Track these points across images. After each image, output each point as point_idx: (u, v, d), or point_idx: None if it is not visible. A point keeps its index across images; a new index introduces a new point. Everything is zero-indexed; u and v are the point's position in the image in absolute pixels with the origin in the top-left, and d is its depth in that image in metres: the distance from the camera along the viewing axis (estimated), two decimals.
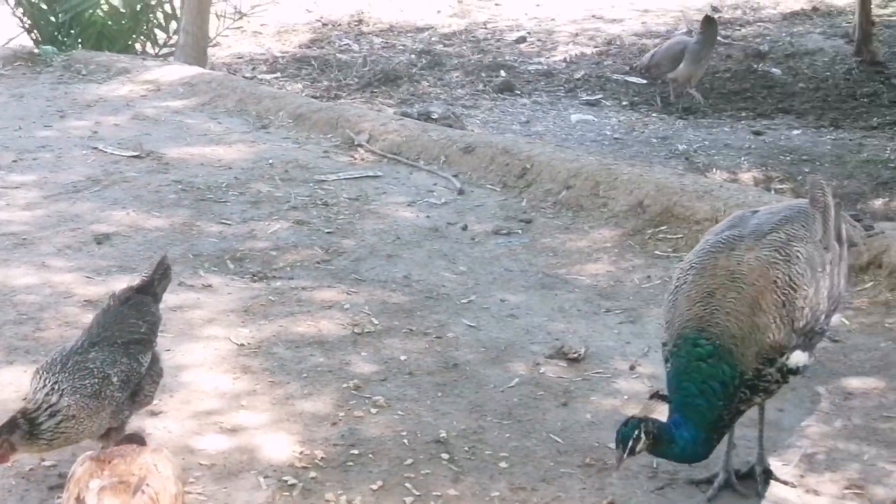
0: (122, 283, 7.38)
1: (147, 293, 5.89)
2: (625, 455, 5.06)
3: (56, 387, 5.28)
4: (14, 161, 10.41)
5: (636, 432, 5.03)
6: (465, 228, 8.92)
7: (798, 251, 5.45)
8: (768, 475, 5.67)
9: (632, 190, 9.10)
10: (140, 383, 5.57)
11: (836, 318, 6.53)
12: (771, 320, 5.27)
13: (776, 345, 5.27)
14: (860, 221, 6.60)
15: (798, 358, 5.37)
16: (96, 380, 5.36)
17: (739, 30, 18.18)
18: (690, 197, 8.77)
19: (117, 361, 5.48)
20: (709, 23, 14.40)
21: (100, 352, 5.49)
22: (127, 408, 5.53)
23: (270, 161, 10.39)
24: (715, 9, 18.87)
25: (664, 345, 5.51)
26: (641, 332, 7.24)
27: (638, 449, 5.06)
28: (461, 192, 9.70)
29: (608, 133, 13.05)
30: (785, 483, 5.62)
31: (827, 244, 5.68)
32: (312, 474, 5.66)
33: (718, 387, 5.19)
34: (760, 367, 5.26)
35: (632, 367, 6.80)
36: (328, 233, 8.77)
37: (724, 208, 8.36)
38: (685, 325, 5.36)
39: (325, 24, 18.83)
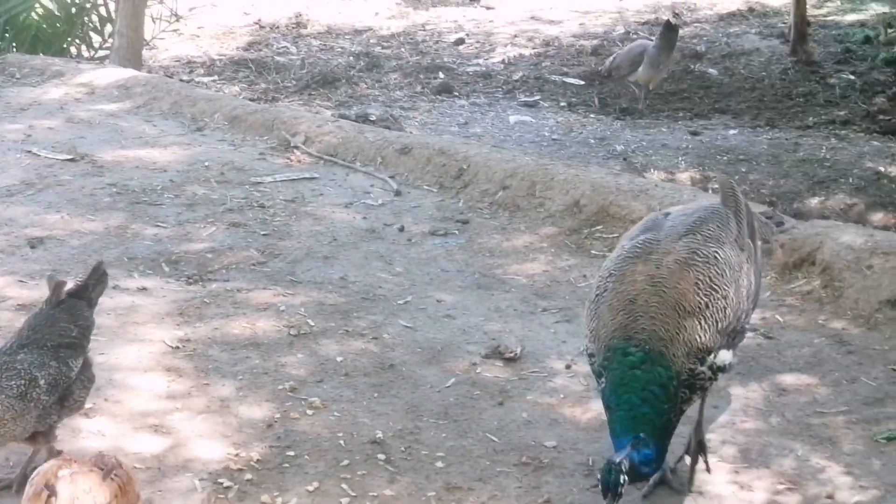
0: None
1: (81, 297, 5.83)
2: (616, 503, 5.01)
3: None
4: None
5: (622, 478, 4.98)
6: (401, 229, 8.90)
7: (716, 252, 5.45)
8: (701, 447, 5.70)
9: (568, 190, 9.13)
10: (70, 388, 5.52)
11: (756, 316, 6.61)
12: (696, 321, 5.26)
13: (704, 345, 5.26)
14: (770, 219, 6.65)
15: (724, 356, 5.37)
16: (23, 381, 5.31)
17: None
18: (626, 196, 8.81)
19: (46, 364, 5.43)
20: (669, 28, 14.41)
21: (28, 354, 5.44)
22: (55, 412, 5.47)
23: (206, 163, 10.32)
24: (677, 15, 18.86)
25: (591, 356, 5.48)
26: (577, 332, 7.23)
27: (624, 491, 5.02)
28: (398, 193, 9.68)
29: (546, 134, 13.07)
30: (707, 469, 5.65)
31: (742, 243, 5.69)
32: (248, 476, 5.64)
33: (659, 391, 5.17)
34: (693, 367, 5.25)
35: (568, 366, 6.82)
36: (264, 235, 8.73)
37: (660, 207, 8.37)
38: (612, 336, 5.32)
39: (262, 27, 18.74)
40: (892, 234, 8.21)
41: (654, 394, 5.17)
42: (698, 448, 5.70)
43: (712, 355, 5.29)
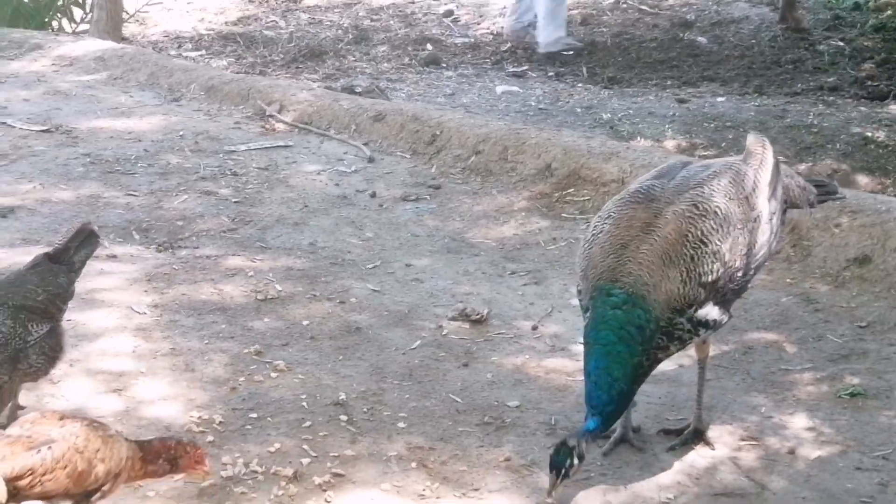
0: (25, 254, 7.34)
1: (60, 262, 5.74)
2: (559, 481, 5.13)
3: None
4: None
5: (569, 461, 5.10)
6: (373, 195, 8.91)
7: (717, 207, 5.43)
8: (699, 436, 5.67)
9: (540, 154, 9.12)
10: (25, 351, 5.43)
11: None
12: (678, 273, 5.28)
13: (683, 297, 5.28)
14: (822, 186, 6.53)
15: (708, 311, 5.37)
16: None
17: None
18: (597, 159, 8.80)
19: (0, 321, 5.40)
20: None
21: None
22: (6, 372, 5.44)
23: (181, 133, 10.35)
24: None
25: (579, 292, 5.56)
26: (545, 293, 7.26)
27: (573, 473, 5.15)
28: (371, 159, 9.68)
29: (533, 104, 13.00)
30: (711, 446, 5.63)
31: (754, 202, 5.63)
32: (210, 438, 5.60)
33: (636, 331, 5.24)
34: (672, 316, 5.29)
35: (534, 328, 6.82)
36: (236, 202, 8.74)
37: (631, 169, 8.42)
38: (599, 276, 5.39)
39: (252, 1, 18.70)
40: (860, 193, 8.23)
41: (630, 334, 5.24)
42: (695, 435, 5.69)
43: (693, 308, 5.31)
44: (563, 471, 5.09)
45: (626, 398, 5.34)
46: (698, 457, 5.53)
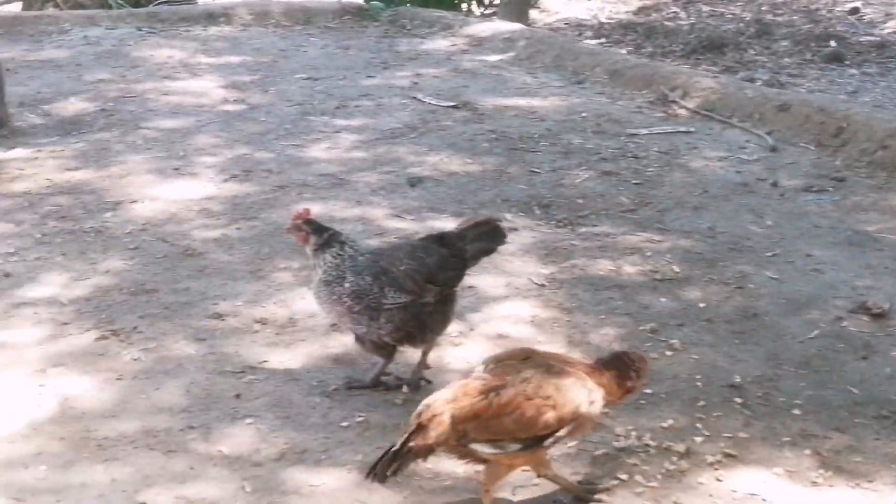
0: (430, 222, 7.68)
1: (450, 246, 5.79)
2: None
3: None
4: (337, 107, 10.88)
5: None
6: (774, 184, 8.82)
7: None
8: None
9: None
10: (379, 310, 5.64)
11: None
12: None
13: None
14: None
15: None
16: (335, 274, 5.71)
17: None
18: None
19: (361, 275, 5.66)
20: None
21: (366, 259, 5.74)
22: (364, 323, 5.69)
23: (583, 114, 10.52)
24: None
25: None
26: None
27: None
28: (773, 149, 9.60)
29: None
30: None
31: None
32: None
33: None
34: None
35: None
36: (635, 184, 8.82)
37: None
38: None
39: None
40: None
41: None
42: None
43: None
44: None
45: None
46: None
